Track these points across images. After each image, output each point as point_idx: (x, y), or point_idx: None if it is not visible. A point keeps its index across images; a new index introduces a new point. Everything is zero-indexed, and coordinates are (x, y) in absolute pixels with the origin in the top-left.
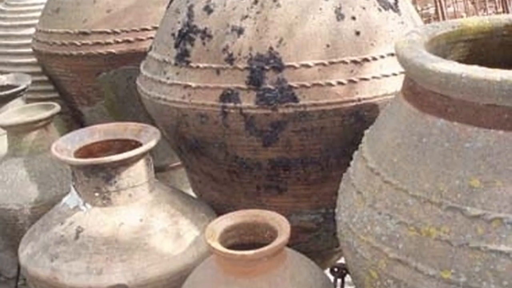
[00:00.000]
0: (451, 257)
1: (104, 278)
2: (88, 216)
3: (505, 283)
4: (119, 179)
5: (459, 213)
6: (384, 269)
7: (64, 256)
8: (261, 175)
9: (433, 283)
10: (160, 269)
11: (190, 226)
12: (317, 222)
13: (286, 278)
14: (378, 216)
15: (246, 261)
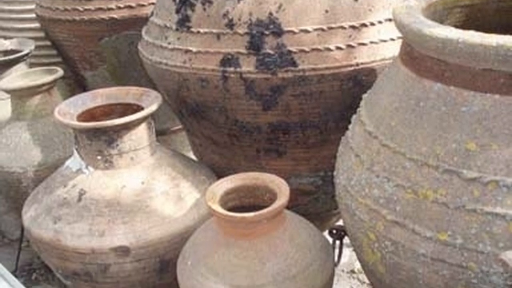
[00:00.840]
0: (448, 219)
1: (106, 240)
2: (90, 179)
3: (501, 245)
4: (121, 142)
5: (456, 176)
6: (382, 231)
7: (67, 218)
8: (261, 138)
9: (430, 244)
10: (162, 231)
11: (191, 188)
12: (316, 184)
13: (285, 239)
14: (376, 179)
15: (246, 223)
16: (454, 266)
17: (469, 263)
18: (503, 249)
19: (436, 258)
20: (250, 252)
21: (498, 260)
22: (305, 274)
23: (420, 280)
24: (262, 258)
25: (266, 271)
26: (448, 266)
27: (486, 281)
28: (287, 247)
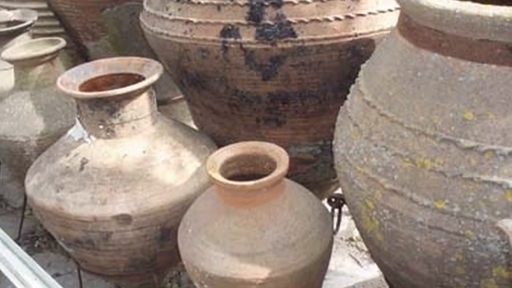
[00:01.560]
0: (445, 188)
1: (108, 208)
2: (92, 148)
3: (497, 213)
4: (122, 112)
5: (453, 145)
6: (380, 199)
7: (69, 187)
8: (261, 108)
9: (427, 213)
10: (163, 199)
11: (191, 157)
12: (315, 153)
13: (285, 208)
14: (374, 148)
15: (246, 191)
16: (452, 234)
17: (466, 231)
18: (499, 217)
19: (434, 226)
20: (250, 220)
21: (495, 228)
22: (304, 242)
23: (417, 248)
24: (262, 226)
25: (265, 239)
26: (445, 234)
27: (483, 249)
28: (286, 215)
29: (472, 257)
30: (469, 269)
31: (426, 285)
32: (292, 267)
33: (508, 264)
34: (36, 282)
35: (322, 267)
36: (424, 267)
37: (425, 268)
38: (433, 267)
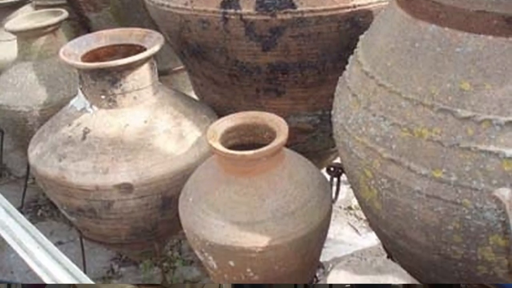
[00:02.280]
0: (443, 157)
1: (110, 177)
2: (94, 118)
3: (494, 182)
4: (124, 82)
5: (450, 115)
6: (378, 169)
7: (72, 156)
8: (261, 78)
9: (425, 182)
10: (164, 169)
11: (192, 127)
12: (314, 123)
13: (284, 177)
14: (372, 117)
15: (246, 160)
16: (449, 202)
17: (463, 200)
18: (496, 186)
19: (431, 195)
20: (250, 189)
21: (492, 196)
22: (303, 210)
23: (415, 217)
24: (262, 195)
25: (265, 208)
26: (442, 202)
27: (480, 218)
28: (286, 184)
29: (469, 225)
30: (466, 237)
31: (423, 253)
32: (291, 235)
33: (504, 233)
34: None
35: (321, 235)
36: (421, 235)
37: (423, 237)
38: (431, 236)
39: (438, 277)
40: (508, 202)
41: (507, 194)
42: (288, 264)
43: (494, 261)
